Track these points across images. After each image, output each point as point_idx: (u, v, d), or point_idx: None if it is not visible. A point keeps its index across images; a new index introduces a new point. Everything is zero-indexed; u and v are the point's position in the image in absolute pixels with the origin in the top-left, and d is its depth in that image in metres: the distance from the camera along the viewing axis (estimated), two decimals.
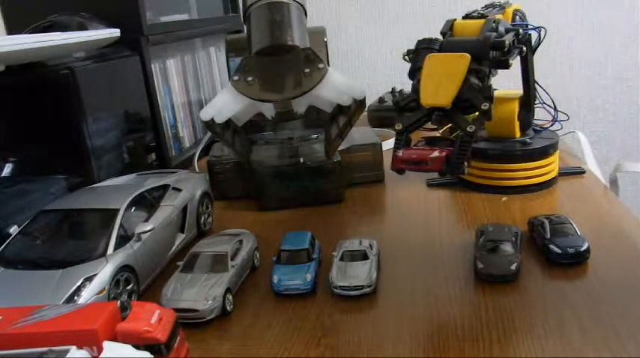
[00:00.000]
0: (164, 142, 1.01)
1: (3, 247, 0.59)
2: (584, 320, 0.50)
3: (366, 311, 0.56)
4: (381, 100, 1.28)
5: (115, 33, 0.87)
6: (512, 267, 0.57)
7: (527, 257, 0.62)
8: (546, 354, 0.46)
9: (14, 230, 0.63)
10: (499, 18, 0.67)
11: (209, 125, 0.72)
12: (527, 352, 0.47)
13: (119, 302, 0.49)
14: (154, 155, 0.97)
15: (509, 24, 0.70)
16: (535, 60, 0.82)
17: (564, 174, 0.86)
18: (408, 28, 1.50)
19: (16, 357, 0.42)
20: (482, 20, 0.65)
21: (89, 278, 0.53)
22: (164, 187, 0.72)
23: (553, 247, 0.60)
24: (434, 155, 0.56)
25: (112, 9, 0.92)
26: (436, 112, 0.58)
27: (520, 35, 0.67)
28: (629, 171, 1.08)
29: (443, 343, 0.49)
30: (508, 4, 0.77)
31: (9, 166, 0.80)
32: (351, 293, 0.57)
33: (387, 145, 0.94)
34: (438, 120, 0.58)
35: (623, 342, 0.47)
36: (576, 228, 0.63)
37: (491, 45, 0.60)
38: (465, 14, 0.70)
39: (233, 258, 0.61)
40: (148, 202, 0.67)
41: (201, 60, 1.22)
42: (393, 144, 0.61)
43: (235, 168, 0.88)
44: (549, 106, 0.86)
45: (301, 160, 0.84)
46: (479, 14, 0.69)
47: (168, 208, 0.69)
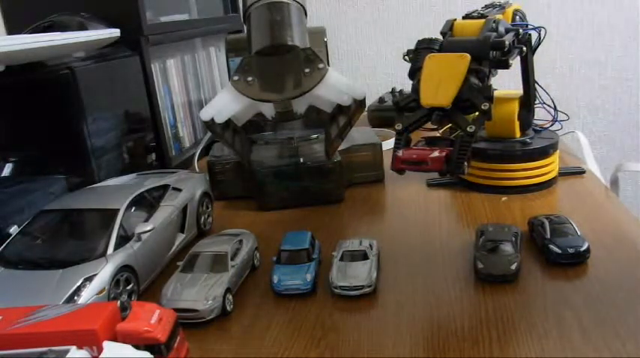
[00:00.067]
0: (164, 142, 1.01)
1: (3, 247, 0.59)
2: (584, 320, 0.50)
3: (366, 311, 0.56)
4: (381, 100, 1.28)
5: (115, 33, 0.87)
6: (512, 267, 0.57)
7: (527, 257, 0.62)
8: (546, 354, 0.46)
9: (14, 230, 0.63)
10: (499, 18, 0.67)
11: (209, 125, 0.72)
12: (527, 352, 0.47)
13: (119, 302, 0.49)
14: (153, 155, 0.97)
15: (509, 24, 0.70)
16: (535, 60, 0.82)
17: (564, 174, 0.86)
18: (408, 28, 1.50)
19: (16, 357, 0.42)
20: (482, 20, 0.65)
21: (89, 278, 0.53)
22: (164, 187, 0.72)
23: (553, 247, 0.60)
24: (434, 155, 0.56)
25: (112, 9, 0.92)
26: (436, 112, 0.58)
27: (520, 35, 0.68)
28: (630, 171, 1.08)
29: (443, 343, 0.49)
30: (508, 4, 0.77)
31: (9, 166, 0.80)
32: (351, 293, 0.57)
33: (387, 145, 0.94)
34: (438, 120, 0.58)
35: (623, 342, 0.47)
36: (576, 228, 0.63)
37: (491, 45, 0.60)
38: (465, 14, 0.70)
39: (233, 258, 0.61)
40: (147, 202, 0.67)
41: (201, 60, 1.22)
42: (393, 144, 0.61)
43: (235, 168, 0.88)
44: (549, 106, 0.86)
45: (301, 160, 0.84)
46: (479, 14, 0.69)
47: (168, 208, 0.69)
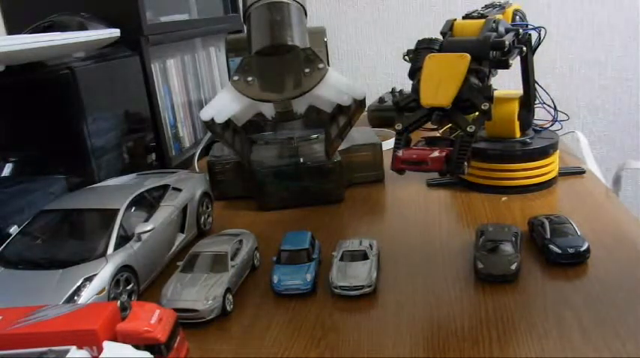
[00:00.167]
0: (164, 142, 1.01)
1: (3, 247, 0.59)
2: (584, 320, 0.50)
3: (366, 311, 0.56)
4: (381, 100, 1.28)
5: (115, 33, 0.87)
6: (512, 267, 0.57)
7: (527, 257, 0.62)
8: (546, 354, 0.46)
9: (14, 230, 0.63)
10: (499, 18, 0.67)
11: (209, 125, 0.72)
12: (527, 352, 0.47)
13: (119, 302, 0.50)
14: (153, 155, 0.97)
15: (509, 24, 0.70)
16: (535, 60, 0.82)
17: (564, 174, 0.86)
18: (408, 28, 1.50)
19: (16, 357, 0.42)
20: (482, 20, 0.65)
21: (89, 278, 0.53)
22: (164, 187, 0.72)
23: (553, 247, 0.60)
24: (434, 155, 0.56)
25: (112, 9, 0.92)
26: (436, 112, 0.58)
27: (520, 35, 0.68)
28: (633, 169, 1.08)
29: (443, 343, 0.49)
30: (508, 4, 0.77)
31: (9, 166, 0.80)
32: (351, 293, 0.57)
33: (387, 145, 0.94)
34: (438, 120, 0.58)
35: (623, 342, 0.47)
36: (576, 228, 0.63)
37: (491, 45, 0.60)
38: (465, 14, 0.70)
39: (233, 258, 0.61)
40: (147, 202, 0.67)
41: (201, 60, 1.22)
42: (393, 144, 0.61)
43: (235, 168, 0.88)
44: (549, 106, 0.86)
45: (301, 160, 0.84)
46: (479, 14, 0.69)
47: (168, 208, 0.69)
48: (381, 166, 0.91)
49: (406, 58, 0.66)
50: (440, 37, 0.66)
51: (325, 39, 0.92)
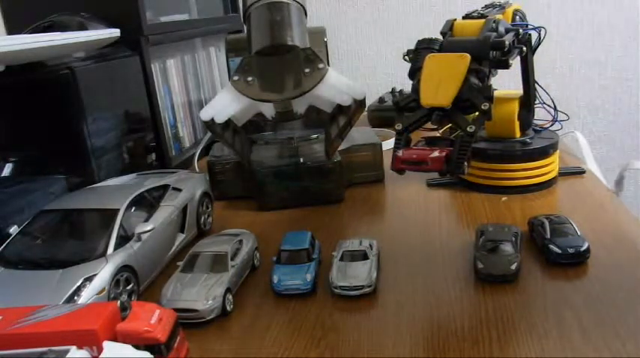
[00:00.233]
0: (164, 142, 1.01)
1: (3, 247, 0.59)
2: (584, 320, 0.50)
3: (366, 311, 0.56)
4: (381, 100, 1.28)
5: (115, 33, 0.87)
6: (512, 267, 0.57)
7: (527, 257, 0.62)
8: (546, 354, 0.46)
9: (14, 230, 0.63)
10: (499, 18, 0.67)
11: (209, 125, 0.72)
12: (527, 352, 0.47)
13: (119, 302, 0.50)
14: (153, 155, 0.97)
15: (509, 24, 0.70)
16: (535, 60, 0.82)
17: (564, 174, 0.86)
18: (408, 28, 1.50)
19: (16, 357, 0.42)
20: (482, 20, 0.65)
21: (89, 278, 0.53)
22: (164, 187, 0.72)
23: (553, 247, 0.60)
24: (434, 155, 0.56)
25: (112, 9, 0.92)
26: (436, 112, 0.58)
27: (520, 35, 0.68)
28: (635, 169, 1.08)
29: (443, 343, 0.49)
30: (508, 4, 0.77)
31: (9, 166, 0.80)
32: (351, 293, 0.57)
33: (387, 145, 0.94)
34: (438, 120, 0.58)
35: (623, 342, 0.47)
36: (576, 228, 0.63)
37: (491, 45, 0.60)
38: (465, 14, 0.70)
39: (233, 258, 0.61)
40: (147, 202, 0.67)
41: (201, 60, 1.22)
42: (393, 144, 0.61)
43: (235, 168, 0.88)
44: (549, 106, 0.86)
45: (301, 160, 0.84)
46: (479, 14, 0.69)
47: (168, 208, 0.69)
48: (381, 166, 0.91)
49: (406, 58, 0.66)
50: (440, 37, 0.66)
51: (325, 39, 0.92)
